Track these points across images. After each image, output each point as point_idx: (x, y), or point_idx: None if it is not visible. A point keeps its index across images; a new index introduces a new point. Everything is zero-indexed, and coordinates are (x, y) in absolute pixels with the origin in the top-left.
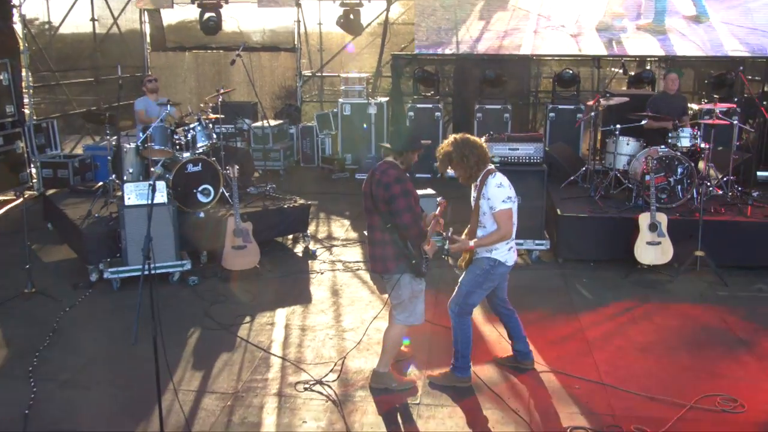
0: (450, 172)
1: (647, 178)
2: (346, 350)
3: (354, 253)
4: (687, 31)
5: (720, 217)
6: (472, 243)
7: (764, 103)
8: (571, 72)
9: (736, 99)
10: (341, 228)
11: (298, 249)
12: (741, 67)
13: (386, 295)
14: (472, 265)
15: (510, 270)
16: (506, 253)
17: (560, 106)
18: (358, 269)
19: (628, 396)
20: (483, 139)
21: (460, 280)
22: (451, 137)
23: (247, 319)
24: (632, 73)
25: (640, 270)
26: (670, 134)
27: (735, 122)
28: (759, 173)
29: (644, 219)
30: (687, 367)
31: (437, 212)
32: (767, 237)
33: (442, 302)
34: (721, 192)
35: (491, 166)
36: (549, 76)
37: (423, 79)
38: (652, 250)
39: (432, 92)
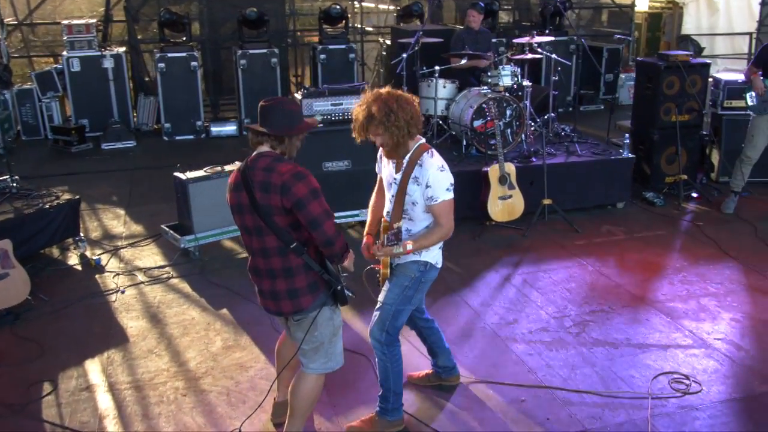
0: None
1: (477, 123)
2: (213, 409)
3: (151, 254)
4: None
5: (557, 159)
6: (410, 246)
7: (516, 32)
8: (339, 8)
9: (548, 30)
10: (117, 220)
11: (73, 260)
12: None
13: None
14: (395, 276)
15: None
16: (437, 253)
17: (330, 47)
18: (168, 277)
19: (582, 399)
20: (299, 95)
21: (380, 299)
22: (374, 91)
23: (47, 387)
24: (397, 7)
25: (488, 228)
26: (489, 73)
27: (553, 56)
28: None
29: (494, 172)
30: (609, 343)
31: None
32: (598, 175)
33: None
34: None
35: (424, 140)
36: (307, 14)
37: (170, 23)
38: (505, 204)
39: (184, 38)
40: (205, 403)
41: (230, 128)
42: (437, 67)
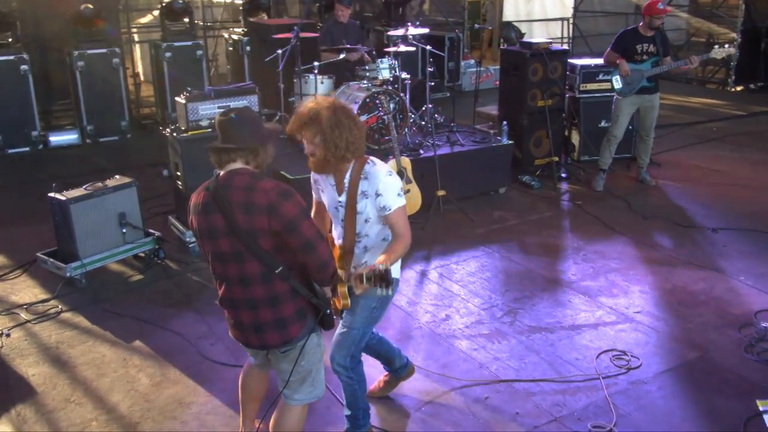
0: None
1: (363, 119)
2: None
3: (26, 287)
4: None
5: (442, 150)
6: (382, 266)
7: (357, 22)
8: (182, 2)
9: (418, 22)
10: None
11: None
12: None
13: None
14: (361, 298)
15: None
16: (398, 267)
17: (176, 44)
18: (57, 312)
19: (541, 387)
20: (182, 98)
21: (343, 323)
22: (332, 99)
23: None
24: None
25: None
26: (366, 67)
27: (428, 47)
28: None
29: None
30: (543, 328)
31: None
32: (481, 163)
33: None
34: (424, 123)
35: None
36: (143, 9)
37: None
38: (405, 199)
39: (10, 39)
40: None
41: (71, 137)
42: (316, 63)
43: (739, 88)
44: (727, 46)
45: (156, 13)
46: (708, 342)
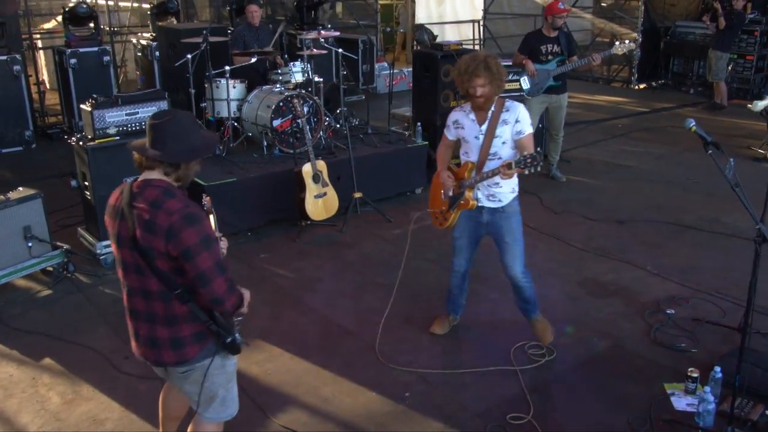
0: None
1: (277, 123)
2: None
3: None
4: None
5: (358, 152)
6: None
7: (270, 26)
8: (86, 6)
9: (330, 26)
10: None
11: None
12: None
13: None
14: (507, 216)
15: None
16: (517, 183)
17: (82, 50)
18: None
19: (463, 380)
20: (87, 106)
21: (507, 240)
22: (480, 52)
23: None
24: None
25: (305, 228)
26: (279, 70)
27: (340, 50)
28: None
29: (307, 171)
30: (462, 324)
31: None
32: (397, 164)
33: None
34: (339, 125)
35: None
36: (45, 14)
37: None
38: (321, 202)
39: None
40: None
41: None
42: (227, 67)
43: (642, 86)
44: (627, 41)
45: (60, 18)
46: (618, 330)
